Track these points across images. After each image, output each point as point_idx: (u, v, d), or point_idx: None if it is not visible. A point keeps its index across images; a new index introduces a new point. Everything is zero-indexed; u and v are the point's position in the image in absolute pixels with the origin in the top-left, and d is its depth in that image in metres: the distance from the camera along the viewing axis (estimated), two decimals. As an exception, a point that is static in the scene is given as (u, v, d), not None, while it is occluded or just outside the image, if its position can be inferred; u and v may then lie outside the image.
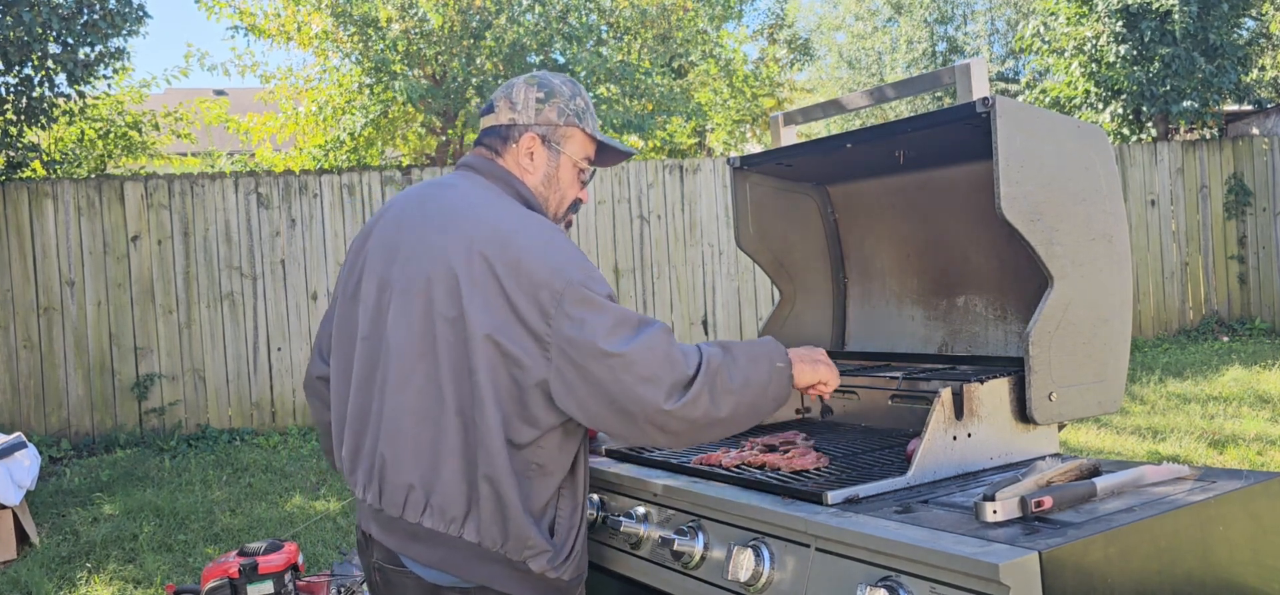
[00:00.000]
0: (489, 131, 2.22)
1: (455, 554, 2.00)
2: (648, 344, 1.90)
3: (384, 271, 2.10)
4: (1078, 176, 2.17)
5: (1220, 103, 12.77)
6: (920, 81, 2.49)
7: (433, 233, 2.04)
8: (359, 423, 2.11)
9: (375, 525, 2.11)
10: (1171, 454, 6.55)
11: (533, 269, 1.93)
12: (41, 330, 8.77)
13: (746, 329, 10.70)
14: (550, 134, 2.20)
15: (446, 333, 1.96)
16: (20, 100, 8.85)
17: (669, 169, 10.56)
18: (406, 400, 1.99)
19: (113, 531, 6.26)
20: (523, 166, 2.19)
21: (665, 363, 1.90)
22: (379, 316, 2.09)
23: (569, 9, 11.95)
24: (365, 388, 2.09)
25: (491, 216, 2.03)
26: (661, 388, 1.89)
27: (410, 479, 2.00)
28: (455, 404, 1.96)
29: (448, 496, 1.97)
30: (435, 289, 1.98)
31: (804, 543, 1.81)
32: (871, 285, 2.98)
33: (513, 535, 1.98)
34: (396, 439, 2.00)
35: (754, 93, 16.65)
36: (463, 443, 1.96)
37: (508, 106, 2.21)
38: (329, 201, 9.49)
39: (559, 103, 2.22)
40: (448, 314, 1.96)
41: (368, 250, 2.18)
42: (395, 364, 2.02)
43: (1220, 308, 12.07)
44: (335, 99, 11.94)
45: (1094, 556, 1.57)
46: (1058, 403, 2.13)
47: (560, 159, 2.21)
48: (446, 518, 1.98)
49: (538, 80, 2.24)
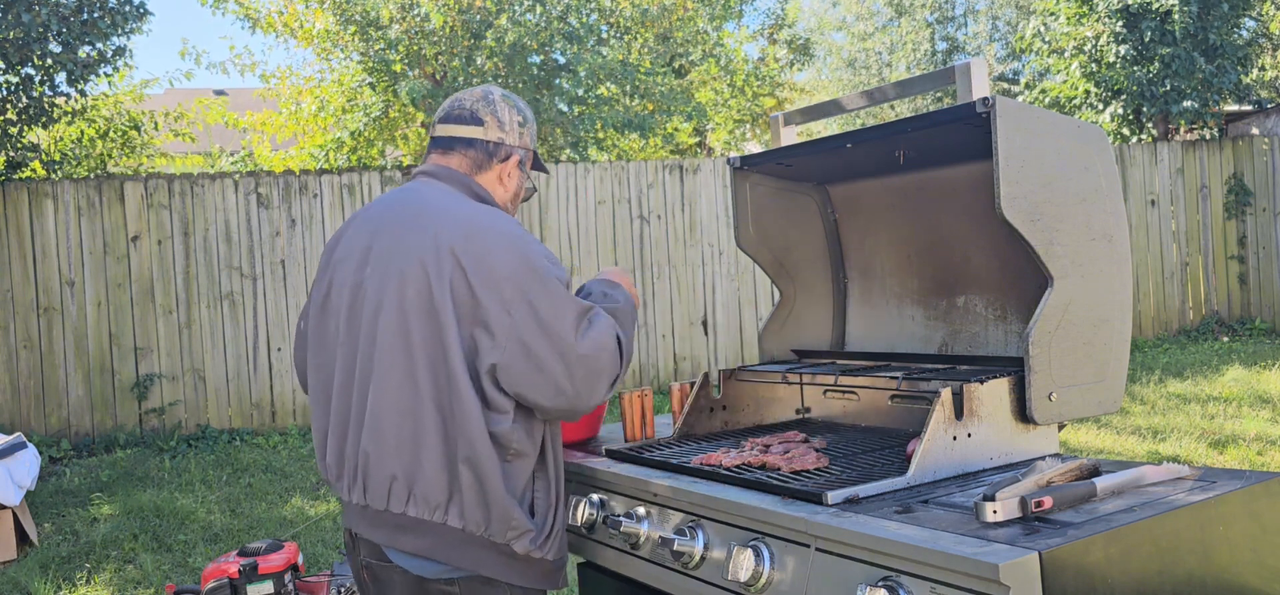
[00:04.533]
0: (469, 142, 2.27)
1: (441, 541, 2.07)
2: (599, 341, 2.05)
3: (356, 275, 2.16)
4: (1078, 176, 2.17)
5: (1220, 103, 12.77)
6: (920, 81, 2.49)
7: (404, 233, 2.11)
8: (342, 426, 2.17)
9: (362, 522, 2.16)
10: (1171, 454, 6.55)
11: (496, 262, 2.03)
12: (41, 330, 8.78)
13: (746, 329, 10.71)
14: (526, 158, 2.35)
15: (420, 326, 2.04)
16: (20, 100, 8.85)
17: (669, 169, 10.56)
18: (385, 396, 2.06)
19: (112, 531, 6.26)
20: (500, 182, 2.30)
21: (611, 360, 2.07)
22: (354, 319, 2.15)
23: (569, 9, 11.95)
24: (345, 391, 2.16)
25: (461, 213, 2.12)
26: (606, 382, 2.07)
27: (393, 470, 2.06)
28: (432, 394, 2.03)
29: (429, 484, 2.04)
30: (408, 286, 2.05)
31: (804, 543, 1.81)
32: (871, 285, 2.98)
33: (496, 517, 2.05)
34: (378, 434, 2.07)
35: (754, 92, 16.64)
36: (441, 431, 2.03)
37: (496, 125, 2.29)
38: (329, 201, 9.49)
39: (532, 129, 2.37)
40: (420, 308, 2.04)
41: (335, 260, 2.25)
42: (374, 363, 2.08)
43: (1220, 308, 12.07)
44: (336, 98, 11.95)
45: (1094, 557, 1.57)
46: (1058, 403, 2.13)
47: (523, 179, 2.36)
48: (430, 505, 2.05)
49: (511, 101, 2.34)
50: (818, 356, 2.98)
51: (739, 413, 2.80)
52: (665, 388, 10.14)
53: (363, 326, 2.11)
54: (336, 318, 2.19)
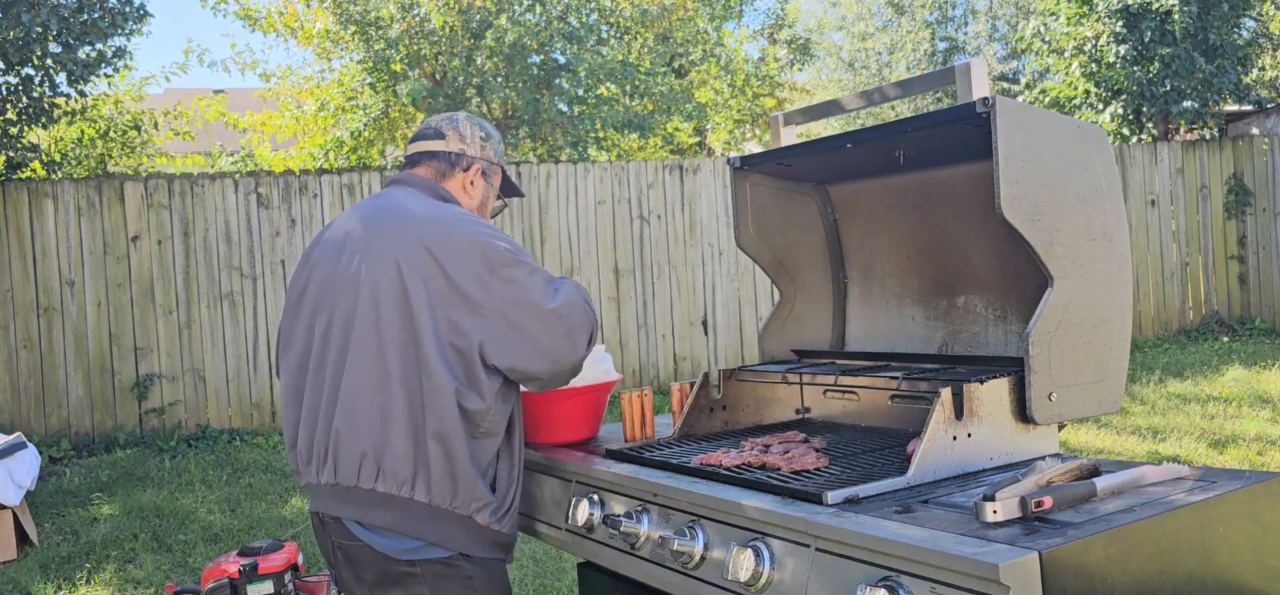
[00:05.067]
0: (434, 155, 2.49)
1: (408, 515, 2.21)
2: (571, 303, 2.24)
3: (331, 273, 2.32)
4: (1078, 176, 2.17)
5: (1220, 103, 12.77)
6: (920, 81, 2.49)
7: (376, 233, 2.28)
8: (313, 415, 2.31)
9: (333, 501, 2.29)
10: (1171, 454, 6.55)
11: (466, 247, 2.21)
12: (41, 330, 8.78)
13: (746, 329, 10.70)
14: (489, 169, 2.54)
15: (390, 312, 2.19)
16: (20, 100, 8.85)
17: (669, 169, 10.56)
18: (356, 378, 2.21)
19: (112, 531, 6.26)
20: (465, 190, 2.49)
21: (583, 316, 2.26)
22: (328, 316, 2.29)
23: (569, 9, 11.95)
24: (317, 383, 2.30)
25: (429, 212, 2.30)
26: (584, 337, 2.25)
27: (363, 447, 2.20)
28: (400, 375, 2.18)
29: (397, 460, 2.19)
30: (380, 280, 2.21)
31: (804, 543, 1.81)
32: (871, 285, 2.98)
33: (463, 490, 2.20)
34: (350, 414, 2.21)
35: (754, 92, 16.64)
36: (408, 410, 2.18)
37: (458, 138, 2.50)
38: (329, 201, 9.49)
39: (494, 144, 2.56)
40: (392, 298, 2.20)
41: (313, 262, 2.40)
42: (347, 353, 2.23)
43: (1220, 308, 12.07)
44: (336, 98, 11.95)
45: (1094, 557, 1.57)
46: (1058, 403, 2.13)
47: (490, 192, 2.56)
48: (398, 480, 2.19)
49: (478, 122, 2.56)
50: (818, 356, 2.98)
51: (739, 413, 2.81)
52: (665, 388, 10.14)
53: (337, 321, 2.26)
54: (310, 315, 2.34)
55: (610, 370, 2.75)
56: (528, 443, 2.75)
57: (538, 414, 2.69)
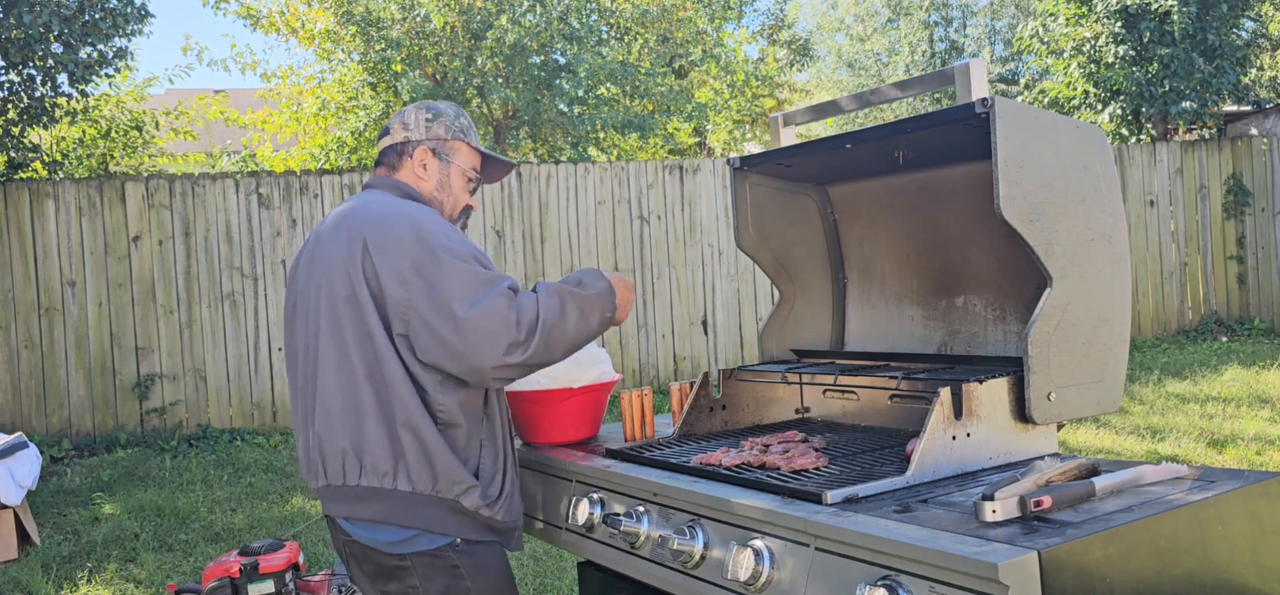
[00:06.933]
0: (386, 151, 2.51)
1: (395, 505, 2.24)
2: (489, 308, 2.15)
3: (304, 283, 2.38)
4: (1076, 176, 2.17)
5: (1219, 103, 12.77)
6: (920, 82, 2.50)
7: (332, 240, 2.33)
8: (304, 423, 2.36)
9: (330, 502, 2.34)
10: (1171, 454, 6.56)
11: (396, 245, 2.21)
12: (42, 330, 8.78)
13: (746, 329, 10.71)
14: (439, 147, 2.50)
15: (347, 311, 2.24)
16: (22, 100, 8.85)
17: (669, 169, 10.57)
18: (328, 380, 2.27)
19: (113, 531, 6.27)
20: (417, 176, 2.48)
21: (504, 324, 2.15)
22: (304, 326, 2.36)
23: (569, 9, 11.96)
24: (305, 391, 2.35)
25: (377, 210, 2.31)
26: (500, 345, 2.15)
27: (343, 445, 2.25)
28: (364, 370, 2.23)
29: (376, 453, 2.23)
30: (335, 279, 2.27)
31: (803, 542, 1.82)
32: (871, 285, 2.98)
33: (442, 474, 2.22)
34: (327, 415, 2.27)
35: (754, 93, 16.64)
36: (377, 402, 2.22)
37: (401, 127, 2.50)
38: (329, 201, 9.50)
39: (445, 121, 2.52)
40: (343, 295, 2.25)
41: (293, 277, 2.47)
42: (318, 357, 2.29)
43: (1219, 308, 12.07)
44: (336, 98, 11.95)
45: (1093, 556, 1.58)
46: (1057, 403, 2.14)
47: (450, 168, 2.51)
48: (379, 472, 2.23)
49: (426, 105, 2.55)
50: (817, 356, 2.98)
51: (739, 413, 2.81)
52: (665, 388, 10.15)
53: (311, 330, 2.32)
54: (292, 328, 2.42)
55: (608, 370, 2.75)
56: (528, 442, 2.75)
57: (538, 414, 2.70)
